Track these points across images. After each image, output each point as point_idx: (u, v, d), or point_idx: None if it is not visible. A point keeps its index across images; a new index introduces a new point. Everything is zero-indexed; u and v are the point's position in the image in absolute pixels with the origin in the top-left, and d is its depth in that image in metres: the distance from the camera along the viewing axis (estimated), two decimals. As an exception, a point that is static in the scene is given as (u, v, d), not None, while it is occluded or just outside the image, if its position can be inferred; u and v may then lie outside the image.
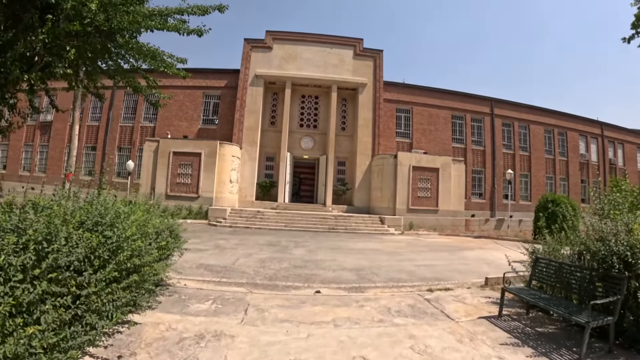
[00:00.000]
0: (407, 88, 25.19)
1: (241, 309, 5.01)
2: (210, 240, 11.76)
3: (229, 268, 7.68)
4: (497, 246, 14.72)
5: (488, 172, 26.56)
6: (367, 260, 9.21)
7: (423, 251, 11.76)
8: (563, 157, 29.68)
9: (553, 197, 17.75)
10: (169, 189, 19.33)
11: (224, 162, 19.42)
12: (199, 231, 14.16)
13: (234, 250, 9.87)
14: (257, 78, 22.06)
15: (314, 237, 14.13)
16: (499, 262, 10.61)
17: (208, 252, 9.44)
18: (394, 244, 13.17)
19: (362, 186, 21.74)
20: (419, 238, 16.11)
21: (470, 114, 26.54)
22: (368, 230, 16.98)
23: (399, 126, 24.54)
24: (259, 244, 11.23)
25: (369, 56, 23.15)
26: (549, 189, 28.50)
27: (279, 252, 9.98)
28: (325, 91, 23.24)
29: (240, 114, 21.72)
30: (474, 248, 13.58)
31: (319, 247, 11.09)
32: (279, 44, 22.70)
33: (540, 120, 28.82)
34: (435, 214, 20.25)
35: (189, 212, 18.47)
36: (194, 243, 10.98)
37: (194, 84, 24.30)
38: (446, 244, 14.49)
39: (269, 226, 16.32)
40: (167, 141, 19.95)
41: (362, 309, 5.21)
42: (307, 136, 23.16)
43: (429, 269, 8.63)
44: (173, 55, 11.56)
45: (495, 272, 8.75)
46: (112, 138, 24.79)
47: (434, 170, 20.39)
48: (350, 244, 12.59)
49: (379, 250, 11.36)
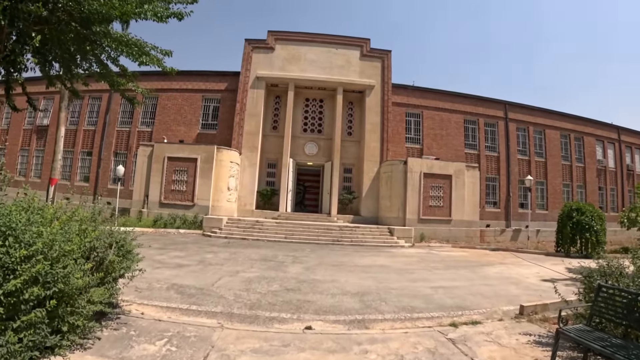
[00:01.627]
0: (417, 91, 23.88)
1: (200, 355, 3.68)
2: (198, 253, 10.47)
3: (205, 291, 6.35)
4: (519, 260, 13.21)
5: (502, 179, 25.01)
6: (374, 281, 7.81)
7: (438, 268, 10.32)
8: (580, 164, 28.08)
9: (578, 206, 16.21)
10: (163, 196, 18.18)
11: (221, 169, 18.23)
12: (190, 243, 12.90)
13: (220, 267, 8.55)
14: (259, 80, 20.95)
15: (316, 250, 12.76)
16: (527, 281, 9.14)
17: (188, 269, 8.15)
18: (405, 259, 11.74)
19: (370, 195, 20.34)
20: (432, 251, 14.64)
21: (484, 118, 25.11)
22: (376, 243, 15.55)
23: (408, 131, 23.17)
24: (251, 259, 9.91)
25: (377, 57, 21.93)
26: (566, 197, 26.94)
27: (272, 269, 8.64)
28: (330, 94, 22.03)
29: (240, 118, 20.58)
30: (494, 263, 12.09)
31: (319, 264, 9.72)
32: (282, 44, 21.63)
33: (556, 124, 27.30)
34: (448, 225, 18.76)
35: (184, 221, 17.28)
36: (176, 257, 9.75)
37: (192, 87, 23.35)
38: (462, 258, 13.01)
39: (268, 238, 14.99)
40: (162, 146, 18.85)
41: (366, 358, 3.85)
42: (311, 141, 21.91)
43: (448, 292, 7.21)
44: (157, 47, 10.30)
45: (526, 295, 7.33)
46: (108, 143, 23.84)
47: (447, 177, 18.95)
48: (355, 259, 11.20)
49: (388, 267, 9.94)
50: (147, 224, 16.93)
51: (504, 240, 22.10)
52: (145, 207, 18.36)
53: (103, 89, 25.86)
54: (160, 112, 23.36)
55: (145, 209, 18.25)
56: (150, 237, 14.14)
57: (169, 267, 8.32)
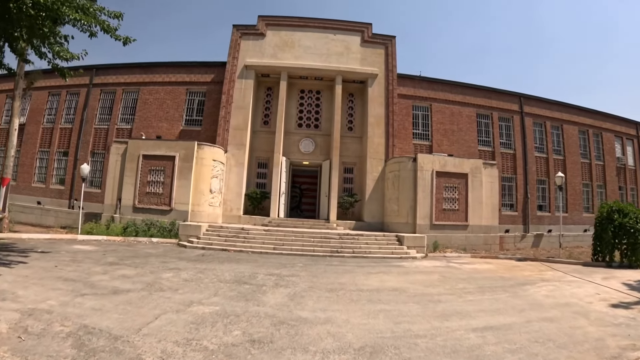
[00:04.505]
0: (425, 82, 21.48)
1: None
2: (154, 272, 8.03)
3: (122, 342, 3.91)
4: (560, 275, 10.72)
5: (519, 178, 22.57)
6: (388, 320, 5.34)
7: (468, 290, 7.84)
8: (599, 161, 25.73)
9: (619, 206, 13.73)
10: (137, 200, 15.79)
11: (202, 168, 15.82)
12: (155, 256, 10.46)
13: (170, 295, 6.11)
14: (247, 69, 18.60)
15: (310, 265, 10.30)
16: (594, 308, 6.67)
17: (123, 298, 5.71)
18: (422, 278, 9.25)
19: (374, 197, 17.86)
20: (451, 264, 12.14)
21: (497, 112, 22.72)
22: (382, 254, 13.03)
23: (415, 126, 20.74)
24: (220, 281, 7.45)
25: (380, 43, 19.58)
26: (586, 198, 24.63)
27: (242, 298, 6.17)
28: (328, 85, 19.67)
29: (226, 111, 18.18)
30: (534, 280, 9.61)
31: (310, 287, 7.23)
32: (274, 30, 19.31)
33: (574, 119, 24.95)
34: (465, 231, 16.30)
35: (160, 228, 14.88)
36: (121, 277, 7.32)
37: (176, 79, 21.04)
38: (492, 273, 10.53)
39: (253, 249, 12.51)
40: (137, 142, 16.47)
41: None
42: (307, 138, 19.49)
43: (502, 337, 4.76)
44: (103, 8, 8.37)
45: (611, 336, 4.92)
46: (85, 142, 21.52)
47: (462, 176, 16.50)
48: (359, 277, 8.71)
49: (403, 290, 7.44)
50: (115, 232, 14.54)
51: (525, 247, 19.61)
52: (118, 213, 15.98)
53: (81, 84, 23.84)
54: (140, 108, 21.05)
55: (118, 215, 15.87)
56: (113, 247, 11.74)
57: (99, 294, 5.91)
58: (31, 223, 18.93)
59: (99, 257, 9.78)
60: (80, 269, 7.97)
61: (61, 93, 23.33)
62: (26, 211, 20.02)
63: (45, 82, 24.37)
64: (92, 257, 9.83)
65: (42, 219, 19.50)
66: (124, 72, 22.14)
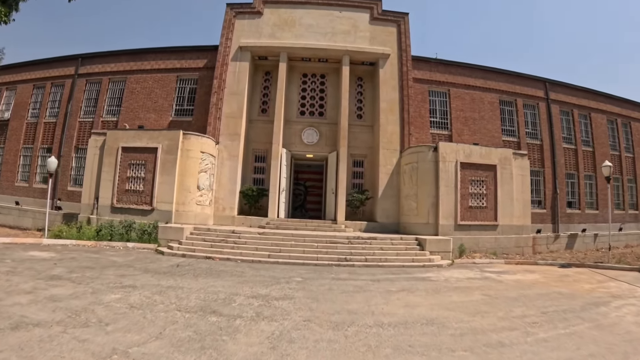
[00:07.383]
0: (441, 65, 19.11)
1: None
2: (96, 291, 5.90)
3: None
4: (630, 288, 8.37)
5: (547, 172, 20.16)
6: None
7: (532, 320, 5.54)
8: (629, 153, 23.32)
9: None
10: (116, 198, 13.78)
11: (188, 160, 13.70)
12: (118, 266, 8.34)
13: (88, 337, 3.95)
14: (242, 51, 16.45)
15: (310, 279, 8.09)
16: None
17: (10, 340, 3.57)
18: (461, 298, 6.93)
19: (388, 194, 15.55)
20: (487, 274, 9.83)
21: (522, 99, 20.31)
22: (401, 262, 10.72)
23: (432, 113, 18.40)
24: (178, 309, 5.26)
25: (391, 20, 17.29)
26: (616, 193, 22.23)
27: (195, 347, 3.98)
28: (334, 67, 17.43)
29: (217, 97, 16.04)
30: (605, 297, 7.30)
31: (306, 321, 4.98)
32: (272, 7, 17.13)
33: (602, 107, 22.48)
34: (494, 232, 13.97)
35: (140, 231, 12.80)
36: (48, 301, 5.20)
37: (166, 65, 18.99)
38: (543, 287, 8.22)
39: (244, 256, 10.32)
40: (116, 133, 14.46)
41: None
42: (310, 127, 17.27)
43: None
44: None
45: None
46: (69, 137, 19.61)
47: (490, 167, 14.18)
48: (376, 300, 6.43)
49: (442, 325, 5.13)
50: (87, 236, 12.52)
51: (559, 250, 17.15)
52: (95, 213, 14.00)
53: (66, 75, 21.96)
54: (127, 98, 19.06)
55: (95, 215, 13.89)
56: (74, 255, 9.67)
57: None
58: (9, 225, 17.10)
59: (45, 268, 7.73)
60: (2, 286, 5.93)
61: (46, 85, 21.55)
62: (4, 212, 18.14)
63: (30, 74, 22.65)
64: (37, 267, 7.80)
65: (20, 221, 17.60)
66: (111, 60, 20.17)
